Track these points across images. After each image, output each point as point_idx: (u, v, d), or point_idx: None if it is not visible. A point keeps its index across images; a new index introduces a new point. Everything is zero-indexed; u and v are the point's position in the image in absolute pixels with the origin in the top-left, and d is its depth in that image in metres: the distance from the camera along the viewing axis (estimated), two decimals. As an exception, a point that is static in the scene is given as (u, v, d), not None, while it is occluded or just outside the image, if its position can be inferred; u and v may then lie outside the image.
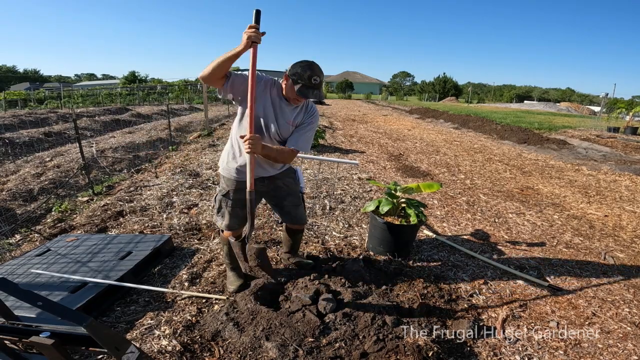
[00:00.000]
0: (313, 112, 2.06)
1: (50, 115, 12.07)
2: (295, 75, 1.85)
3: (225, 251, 2.35)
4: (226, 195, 2.13)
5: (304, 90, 1.85)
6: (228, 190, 2.12)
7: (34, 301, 1.13)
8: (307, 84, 1.84)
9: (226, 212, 2.16)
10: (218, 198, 2.18)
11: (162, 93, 27.70)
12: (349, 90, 49.71)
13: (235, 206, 2.14)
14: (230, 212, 2.16)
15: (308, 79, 1.83)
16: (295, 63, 1.89)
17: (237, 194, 2.11)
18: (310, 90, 1.86)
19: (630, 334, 2.09)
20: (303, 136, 2.01)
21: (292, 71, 1.86)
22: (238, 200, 2.12)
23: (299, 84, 1.84)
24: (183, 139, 8.84)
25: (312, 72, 1.83)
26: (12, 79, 65.31)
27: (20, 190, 4.53)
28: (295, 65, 1.87)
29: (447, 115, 16.63)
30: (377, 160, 6.79)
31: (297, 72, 1.84)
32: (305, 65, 1.84)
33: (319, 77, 1.86)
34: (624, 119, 15.06)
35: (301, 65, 1.85)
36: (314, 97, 1.88)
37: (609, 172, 6.45)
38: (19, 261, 2.64)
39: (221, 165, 2.15)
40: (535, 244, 3.31)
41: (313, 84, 1.85)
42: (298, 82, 1.85)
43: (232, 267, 2.37)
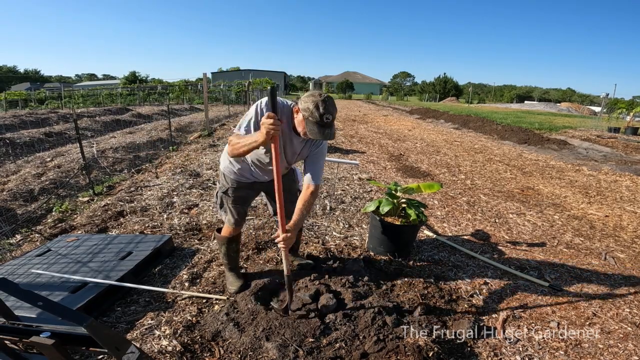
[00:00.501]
0: (320, 143, 1.99)
1: (50, 116, 12.08)
2: (306, 112, 1.71)
3: (222, 252, 2.34)
4: (226, 192, 2.16)
5: (314, 129, 1.71)
6: (228, 187, 2.14)
7: (34, 301, 1.13)
8: (318, 122, 1.70)
9: (228, 209, 2.19)
10: (219, 194, 2.20)
11: (163, 93, 27.72)
12: (349, 90, 49.76)
13: (236, 203, 2.17)
14: (232, 208, 2.18)
15: (320, 118, 1.69)
16: (307, 96, 1.75)
17: (237, 192, 2.14)
18: (321, 130, 1.72)
19: (631, 334, 2.09)
20: (317, 167, 1.98)
21: (303, 105, 1.73)
22: (239, 198, 2.16)
23: (309, 122, 1.72)
24: (183, 139, 8.85)
25: (325, 110, 1.68)
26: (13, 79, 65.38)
27: (20, 191, 4.53)
28: (307, 100, 1.73)
29: (448, 116, 16.62)
30: (377, 161, 6.79)
31: (309, 108, 1.70)
32: (319, 102, 1.69)
33: (332, 115, 1.72)
34: (624, 119, 15.05)
35: (314, 100, 1.70)
36: (324, 138, 1.73)
37: (609, 173, 6.44)
38: (20, 261, 2.64)
39: (223, 164, 2.16)
40: (535, 244, 3.31)
41: (325, 122, 1.70)
42: (309, 119, 1.71)
43: (231, 268, 2.37)
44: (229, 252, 2.32)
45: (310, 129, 1.73)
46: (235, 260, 2.37)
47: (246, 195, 2.20)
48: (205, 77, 10.46)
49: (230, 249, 2.31)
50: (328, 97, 1.73)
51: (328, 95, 1.75)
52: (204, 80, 10.13)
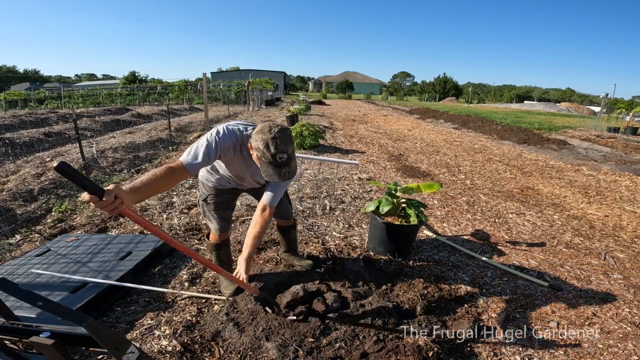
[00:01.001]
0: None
1: (50, 116, 12.07)
2: (258, 151, 1.57)
3: (214, 258, 2.33)
4: (205, 200, 2.13)
5: (269, 170, 1.58)
6: (207, 195, 2.11)
7: (34, 301, 1.13)
8: (272, 163, 1.57)
9: (211, 216, 2.17)
10: (201, 203, 2.19)
11: (162, 93, 27.70)
12: (349, 90, 49.77)
13: (218, 209, 2.14)
14: (215, 215, 2.16)
15: (272, 158, 1.55)
16: (257, 132, 1.58)
17: (217, 198, 2.11)
18: (276, 170, 1.58)
19: (631, 334, 2.09)
20: (278, 190, 1.89)
21: (254, 144, 1.58)
22: (219, 203, 2.13)
23: (263, 162, 1.59)
24: (183, 139, 8.84)
25: (277, 149, 1.53)
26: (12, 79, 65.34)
27: (20, 191, 4.53)
28: (257, 138, 1.56)
29: (447, 116, 16.63)
30: (377, 161, 6.79)
31: (259, 148, 1.55)
32: (268, 140, 1.53)
33: (287, 152, 1.55)
34: (624, 119, 15.06)
35: (263, 138, 1.54)
36: (282, 178, 1.60)
37: (609, 173, 6.45)
38: (19, 261, 2.64)
39: (200, 173, 2.09)
40: (535, 244, 3.31)
41: (279, 162, 1.56)
42: (262, 159, 1.58)
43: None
44: (220, 257, 2.31)
45: (264, 171, 1.60)
46: (228, 264, 2.35)
47: (227, 200, 2.16)
48: (204, 77, 10.46)
49: (220, 254, 2.31)
50: (280, 132, 1.56)
51: (281, 129, 1.58)
52: (203, 80, 10.13)
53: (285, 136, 1.57)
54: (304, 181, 4.97)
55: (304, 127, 7.30)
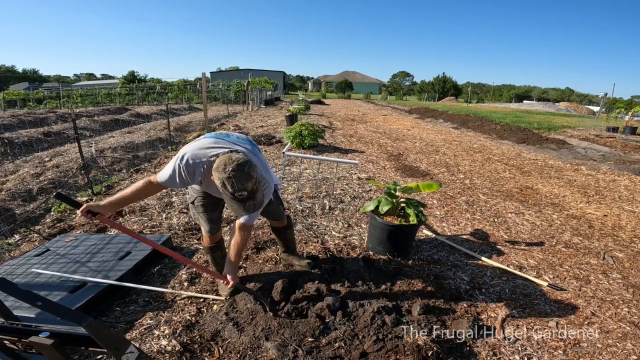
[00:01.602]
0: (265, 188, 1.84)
1: (49, 115, 12.06)
2: (220, 188, 1.56)
3: (210, 260, 2.34)
4: (194, 202, 2.13)
5: (233, 205, 1.58)
6: (195, 197, 2.11)
7: (33, 301, 1.13)
8: (233, 199, 1.56)
9: (200, 218, 2.18)
10: (190, 206, 2.22)
11: (162, 93, 27.68)
12: (349, 90, 49.77)
13: (206, 210, 2.14)
14: (203, 216, 2.16)
15: (232, 195, 1.55)
16: (215, 168, 1.57)
17: (205, 200, 2.10)
18: (240, 204, 1.57)
19: (630, 333, 2.10)
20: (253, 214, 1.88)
21: (215, 180, 1.58)
22: (207, 205, 2.12)
23: (226, 197, 1.59)
24: (182, 138, 8.83)
25: (234, 188, 1.52)
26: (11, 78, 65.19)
27: (19, 190, 4.52)
28: (215, 175, 1.56)
29: (447, 115, 16.64)
30: (376, 160, 6.79)
31: (219, 186, 1.56)
32: (224, 180, 1.52)
33: (246, 189, 1.54)
34: (623, 119, 15.07)
35: (220, 177, 1.53)
36: (247, 212, 1.60)
37: (608, 172, 6.46)
38: (18, 261, 2.64)
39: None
40: (534, 243, 3.31)
41: (239, 198, 1.55)
42: (225, 194, 1.58)
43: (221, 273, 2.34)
44: (215, 259, 2.32)
45: (229, 205, 1.62)
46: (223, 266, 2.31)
47: (216, 201, 2.14)
48: (204, 76, 10.45)
49: (215, 256, 2.31)
50: (235, 170, 1.53)
51: (237, 166, 1.54)
52: (203, 79, 10.12)
53: (241, 174, 1.54)
54: (304, 181, 4.96)
55: (303, 127, 7.30)
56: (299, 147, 7.20)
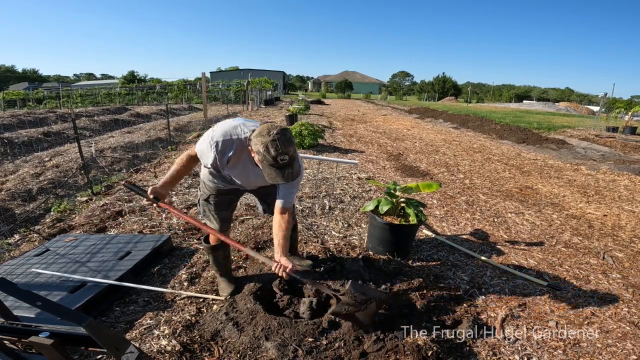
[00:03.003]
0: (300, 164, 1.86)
1: (49, 115, 12.05)
2: (259, 154, 1.58)
3: (211, 260, 2.30)
4: (207, 199, 2.10)
5: (272, 172, 1.59)
6: (209, 194, 2.09)
7: (33, 301, 1.13)
8: (273, 165, 1.57)
9: (211, 216, 2.13)
10: (201, 202, 2.15)
11: (161, 93, 27.68)
12: (349, 90, 49.77)
13: (219, 209, 2.11)
14: (215, 214, 2.12)
15: (274, 160, 1.55)
16: (256, 135, 1.59)
17: (219, 198, 2.09)
18: (279, 172, 1.58)
19: (629, 333, 2.10)
20: (290, 193, 1.89)
21: (255, 148, 1.59)
22: (220, 203, 2.10)
23: (265, 165, 1.59)
24: (182, 138, 8.83)
25: (277, 152, 1.53)
26: (11, 78, 65.12)
27: (19, 190, 4.52)
28: (257, 141, 1.57)
29: (447, 115, 16.64)
30: (376, 160, 6.79)
31: (260, 152, 1.56)
32: (268, 143, 1.53)
33: (288, 154, 1.55)
34: (622, 119, 15.07)
35: (263, 141, 1.54)
36: (285, 180, 1.60)
37: (607, 172, 6.46)
38: (18, 261, 2.64)
39: (202, 172, 2.07)
40: (534, 243, 3.31)
41: (281, 164, 1.56)
42: (263, 162, 1.59)
43: (221, 274, 2.33)
44: (217, 259, 2.27)
45: (267, 173, 1.61)
46: (225, 267, 2.31)
47: (229, 201, 2.14)
48: (204, 76, 10.45)
49: (217, 256, 2.26)
50: (279, 134, 1.55)
51: (280, 130, 1.57)
52: (202, 79, 10.12)
53: (285, 138, 1.56)
54: (303, 181, 4.96)
55: (303, 127, 7.30)
56: (299, 147, 7.20)
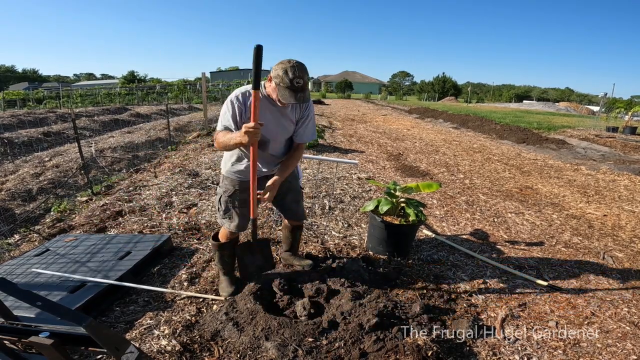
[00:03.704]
0: (308, 105, 2.06)
1: (49, 115, 12.04)
2: (277, 78, 1.78)
3: (217, 257, 2.30)
4: (232, 195, 2.12)
5: (286, 93, 1.78)
6: (234, 190, 2.10)
7: (33, 301, 1.13)
8: (289, 87, 1.76)
9: (234, 213, 2.15)
10: (224, 200, 2.15)
11: (161, 93, 27.67)
12: (349, 90, 49.68)
13: (242, 205, 2.13)
14: (239, 212, 2.15)
15: (290, 82, 1.74)
16: (278, 64, 1.81)
17: (240, 194, 2.11)
18: (292, 94, 1.77)
19: (629, 333, 2.10)
20: (307, 129, 2.09)
21: (274, 73, 1.80)
22: (242, 200, 2.12)
23: (281, 87, 1.78)
24: (182, 138, 8.84)
25: (294, 75, 1.73)
26: (11, 78, 65.11)
27: (19, 190, 4.52)
28: (278, 67, 1.79)
29: (447, 115, 16.63)
30: (376, 160, 6.79)
31: (279, 75, 1.76)
32: (288, 68, 1.75)
33: (303, 79, 1.77)
34: (622, 119, 15.07)
35: (283, 67, 1.76)
36: (297, 101, 1.79)
37: (607, 172, 6.46)
38: (18, 261, 2.64)
39: (225, 167, 2.14)
40: (534, 243, 3.31)
41: (296, 86, 1.76)
42: (280, 85, 1.78)
43: (225, 272, 2.34)
44: (223, 257, 2.28)
45: (282, 94, 1.79)
46: (229, 265, 2.33)
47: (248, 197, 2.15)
48: (204, 76, 10.45)
49: (224, 254, 2.28)
50: (298, 63, 1.79)
51: (298, 62, 1.80)
52: (202, 79, 10.12)
53: (301, 66, 1.79)
54: (303, 180, 4.96)
55: (303, 127, 7.29)
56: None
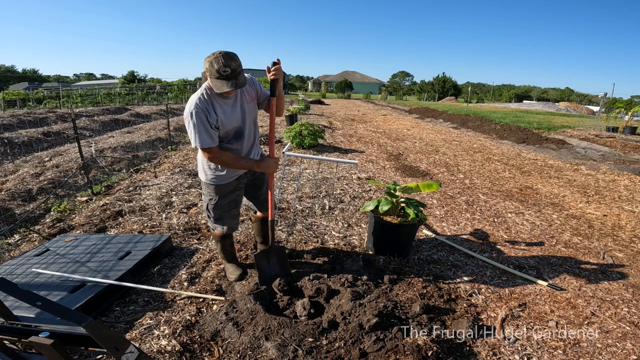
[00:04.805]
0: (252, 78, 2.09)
1: (49, 115, 12.04)
2: (207, 72, 1.78)
3: (219, 248, 2.43)
4: (217, 203, 2.20)
5: (218, 83, 1.76)
6: (217, 198, 2.18)
7: (33, 301, 1.13)
8: (219, 77, 1.75)
9: (224, 217, 2.25)
10: (210, 208, 2.23)
11: (161, 93, 27.68)
12: (349, 90, 49.72)
13: (230, 208, 2.24)
14: (227, 214, 2.25)
15: (217, 72, 1.74)
16: (205, 59, 1.80)
17: (226, 198, 2.20)
18: (225, 82, 1.76)
19: (629, 333, 2.10)
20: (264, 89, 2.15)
21: (204, 68, 1.79)
22: (231, 203, 2.23)
23: (213, 79, 1.78)
24: (182, 138, 8.84)
25: (219, 64, 1.73)
26: (11, 78, 65.10)
27: (19, 190, 4.52)
28: (205, 61, 1.79)
29: (447, 115, 16.63)
30: (376, 160, 6.79)
31: (207, 68, 1.77)
32: (212, 59, 1.74)
33: (229, 66, 1.74)
34: (622, 119, 15.08)
35: (209, 59, 1.76)
36: (230, 87, 1.77)
37: (607, 172, 6.46)
38: (18, 261, 2.63)
39: (205, 175, 2.16)
40: (534, 243, 3.31)
41: (224, 74, 1.74)
42: (211, 77, 1.78)
43: (229, 260, 2.48)
44: (225, 247, 2.43)
45: (215, 85, 1.78)
46: (232, 253, 2.49)
47: (236, 198, 2.26)
48: (204, 76, 10.43)
49: (225, 244, 2.42)
50: (223, 52, 1.76)
51: (223, 51, 1.77)
52: (202, 79, 10.11)
53: (227, 56, 1.76)
54: (303, 180, 4.97)
55: (303, 127, 7.30)
56: (299, 147, 7.20)
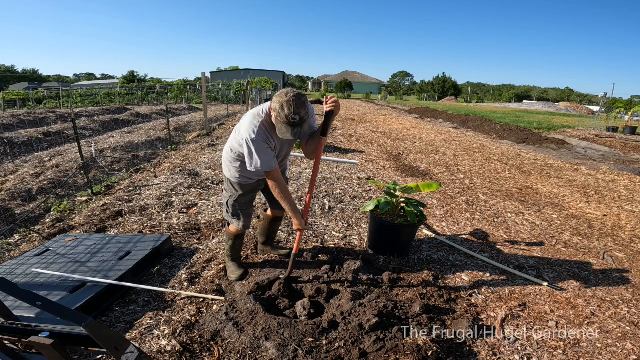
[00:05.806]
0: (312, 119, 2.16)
1: (49, 115, 12.03)
2: (275, 112, 1.80)
3: (229, 245, 2.45)
4: (238, 200, 2.26)
5: (282, 128, 1.80)
6: (239, 195, 2.24)
7: (33, 301, 1.13)
8: (285, 123, 1.79)
9: (241, 214, 2.30)
10: (230, 203, 2.29)
11: (161, 93, 27.67)
12: (349, 90, 49.74)
13: (248, 207, 2.32)
14: (245, 212, 2.31)
15: (286, 118, 1.76)
16: (277, 95, 1.81)
17: (246, 196, 2.28)
18: (290, 129, 1.79)
19: (629, 333, 2.10)
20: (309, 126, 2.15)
21: (273, 105, 1.82)
22: (248, 202, 2.31)
23: (279, 122, 1.81)
24: (182, 138, 8.83)
25: (290, 111, 1.74)
26: (11, 78, 65.03)
27: (19, 190, 4.52)
28: (276, 100, 1.80)
29: (447, 115, 16.63)
30: (376, 160, 6.79)
31: (276, 109, 1.78)
32: (284, 103, 1.75)
33: (299, 114, 1.77)
34: (622, 119, 15.08)
35: (280, 101, 1.77)
36: (293, 137, 1.81)
37: (607, 172, 6.45)
38: (18, 261, 2.63)
39: (230, 173, 2.22)
40: (534, 243, 3.31)
41: (292, 122, 1.78)
42: (278, 119, 1.80)
43: (233, 258, 2.50)
44: (235, 246, 2.46)
45: (279, 129, 1.81)
46: (238, 252, 2.52)
47: (252, 199, 2.34)
48: (204, 76, 10.46)
49: (236, 243, 2.45)
50: (296, 97, 1.76)
51: (297, 94, 1.77)
52: (202, 79, 10.12)
53: (299, 101, 1.76)
54: (303, 180, 4.96)
55: (303, 127, 7.29)
56: (298, 148, 7.20)
